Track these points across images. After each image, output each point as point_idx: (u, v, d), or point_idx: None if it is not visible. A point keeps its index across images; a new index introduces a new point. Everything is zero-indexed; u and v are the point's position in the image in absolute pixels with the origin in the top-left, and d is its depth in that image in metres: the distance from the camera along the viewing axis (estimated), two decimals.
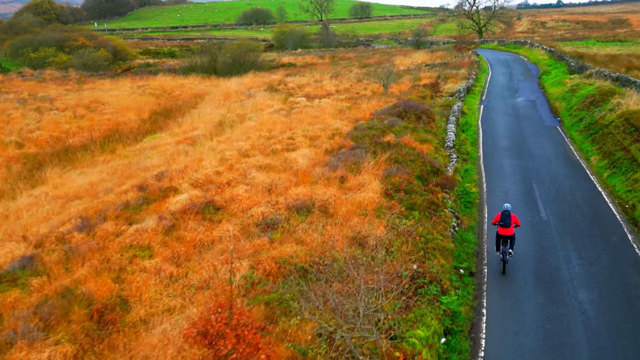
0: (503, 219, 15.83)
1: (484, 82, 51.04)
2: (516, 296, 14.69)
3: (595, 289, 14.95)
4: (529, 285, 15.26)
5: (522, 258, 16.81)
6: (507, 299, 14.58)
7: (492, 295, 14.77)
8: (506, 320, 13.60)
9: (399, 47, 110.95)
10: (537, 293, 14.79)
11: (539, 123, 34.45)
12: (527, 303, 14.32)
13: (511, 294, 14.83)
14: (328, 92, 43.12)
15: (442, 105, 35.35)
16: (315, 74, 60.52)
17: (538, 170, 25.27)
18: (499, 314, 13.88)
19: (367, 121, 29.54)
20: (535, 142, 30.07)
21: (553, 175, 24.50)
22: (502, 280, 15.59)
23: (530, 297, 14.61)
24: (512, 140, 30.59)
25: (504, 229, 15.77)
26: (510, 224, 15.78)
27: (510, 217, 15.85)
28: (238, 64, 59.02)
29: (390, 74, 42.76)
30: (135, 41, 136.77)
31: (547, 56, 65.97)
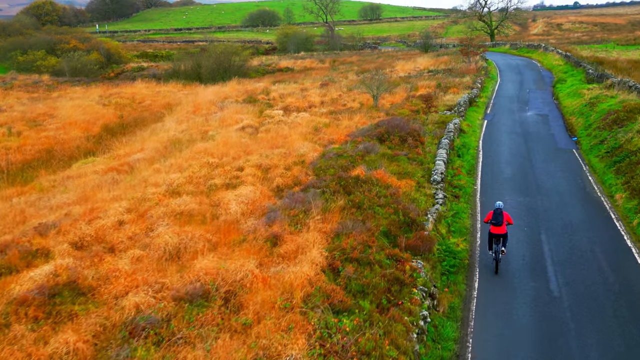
0: (495, 217, 15.71)
1: (491, 92, 45.58)
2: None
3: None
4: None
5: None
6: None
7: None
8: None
9: (406, 50, 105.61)
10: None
11: (552, 144, 29.02)
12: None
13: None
14: (311, 104, 38.04)
15: (436, 123, 30.08)
16: (307, 81, 55.49)
17: (548, 213, 19.93)
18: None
19: (340, 145, 24.37)
20: (546, 170, 24.67)
21: (567, 221, 19.14)
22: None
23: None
24: (518, 167, 25.23)
25: (496, 228, 15.66)
26: (502, 222, 15.65)
27: (502, 215, 15.73)
28: (222, 69, 54.18)
29: (381, 84, 37.52)
30: (135, 43, 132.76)
31: (562, 61, 60.28)
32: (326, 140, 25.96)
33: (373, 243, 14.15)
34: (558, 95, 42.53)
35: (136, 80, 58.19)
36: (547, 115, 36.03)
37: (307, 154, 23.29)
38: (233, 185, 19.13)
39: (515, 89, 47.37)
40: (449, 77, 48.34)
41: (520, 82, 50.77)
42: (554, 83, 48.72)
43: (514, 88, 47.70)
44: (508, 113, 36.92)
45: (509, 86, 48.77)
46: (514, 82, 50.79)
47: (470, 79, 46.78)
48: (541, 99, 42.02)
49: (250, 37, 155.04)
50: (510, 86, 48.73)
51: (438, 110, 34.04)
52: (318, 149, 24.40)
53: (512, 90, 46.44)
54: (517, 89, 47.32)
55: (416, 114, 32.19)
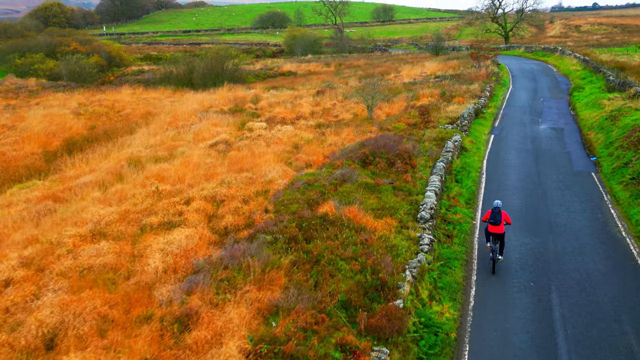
0: (493, 217, 15.48)
1: (501, 101, 41.62)
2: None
3: None
4: None
5: None
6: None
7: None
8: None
9: (417, 53, 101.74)
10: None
11: (567, 166, 25.10)
12: None
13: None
14: (299, 115, 34.47)
15: (434, 140, 26.32)
16: (305, 87, 52.01)
17: (561, 261, 16.13)
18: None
19: (316, 169, 20.77)
20: (559, 200, 20.83)
21: (585, 274, 15.33)
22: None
23: None
24: (527, 196, 21.39)
25: (494, 227, 15.45)
26: (500, 221, 15.42)
27: (500, 215, 15.49)
28: (214, 74, 50.81)
29: (377, 93, 33.80)
30: (140, 46, 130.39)
31: (580, 66, 56.05)
32: (302, 162, 22.36)
33: (323, 323, 10.54)
34: (575, 105, 38.49)
35: (128, 84, 55.05)
36: (563, 129, 32.07)
37: (275, 180, 19.72)
38: (171, 225, 15.61)
39: (528, 97, 43.36)
40: (456, 84, 44.49)
41: (533, 90, 46.72)
42: (571, 91, 44.63)
43: (527, 96, 43.68)
44: (518, 126, 33.02)
45: (521, 94, 44.76)
46: (527, 90, 46.75)
47: (478, 87, 42.87)
48: (556, 110, 38.01)
49: (258, 39, 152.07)
50: (523, 94, 44.72)
51: (438, 124, 30.27)
52: (290, 173, 20.82)
53: (525, 99, 42.44)
54: (530, 97, 43.31)
55: (413, 128, 28.46)
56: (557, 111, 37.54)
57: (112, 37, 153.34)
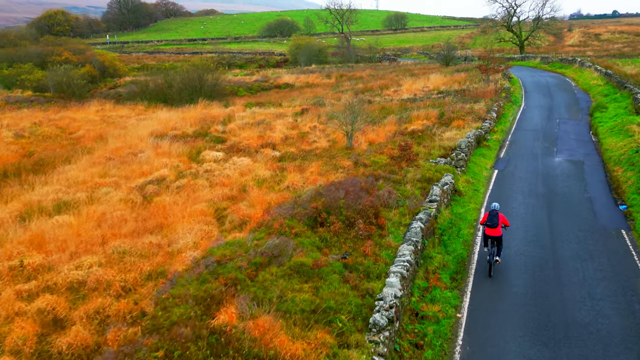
0: (490, 219, 15.24)
1: (510, 123, 35.88)
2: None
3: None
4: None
5: None
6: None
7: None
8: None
9: (426, 63, 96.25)
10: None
11: (589, 219, 19.37)
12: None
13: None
14: (268, 142, 29.11)
15: (419, 181, 20.78)
16: (292, 104, 46.77)
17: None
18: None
19: (247, 234, 15.34)
20: (579, 279, 15.13)
21: None
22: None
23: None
24: (534, 273, 15.67)
25: (492, 230, 15.21)
26: (497, 224, 15.13)
27: (498, 217, 15.18)
28: (191, 89, 45.71)
29: (359, 116, 28.28)
30: (140, 55, 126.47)
31: (602, 80, 50.10)
32: (238, 218, 16.98)
33: None
34: (597, 129, 32.67)
35: (99, 99, 50.26)
36: (583, 162, 26.28)
37: (185, 251, 14.37)
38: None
39: (542, 118, 37.57)
40: (459, 103, 38.87)
41: (549, 108, 40.90)
42: (592, 110, 38.77)
43: (541, 117, 37.90)
44: (528, 158, 27.29)
45: (534, 114, 38.98)
46: (541, 109, 40.94)
47: (484, 106, 37.18)
48: (575, 135, 32.22)
49: (264, 48, 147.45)
50: (536, 114, 38.93)
51: (429, 157, 24.71)
52: (213, 236, 15.48)
53: (538, 120, 36.67)
54: (545, 118, 37.52)
55: (396, 163, 22.88)
56: (575, 137, 31.76)
57: (115, 46, 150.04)
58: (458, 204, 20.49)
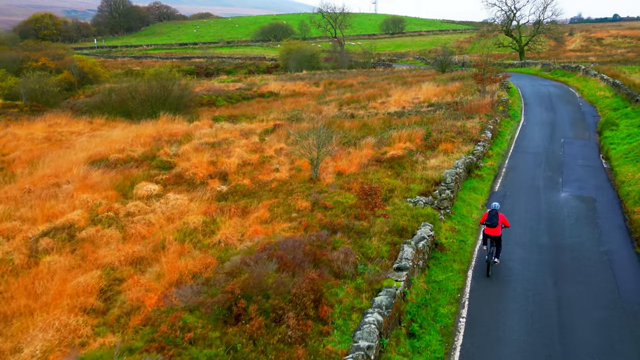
0: (490, 219, 15.25)
1: (507, 144, 31.30)
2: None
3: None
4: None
5: None
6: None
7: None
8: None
9: (422, 69, 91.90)
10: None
11: (608, 289, 14.68)
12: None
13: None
14: (219, 171, 24.51)
15: (388, 233, 16.19)
16: (265, 118, 42.21)
17: None
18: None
19: (104, 353, 10.70)
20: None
21: None
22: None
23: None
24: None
25: (491, 229, 15.24)
26: (497, 223, 15.15)
27: (497, 217, 15.19)
28: (154, 100, 41.12)
29: (324, 143, 23.61)
30: (126, 60, 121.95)
31: (609, 92, 45.56)
32: (130, 300, 12.40)
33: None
34: (608, 152, 28.12)
35: (53, 112, 45.71)
36: (594, 199, 21.67)
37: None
38: None
39: (544, 136, 33.01)
40: (450, 119, 34.30)
41: (551, 125, 36.35)
42: (600, 127, 34.25)
43: (542, 135, 33.33)
44: (529, 193, 22.67)
45: (535, 132, 34.41)
46: (542, 125, 36.38)
47: (478, 123, 32.60)
48: (582, 159, 27.65)
49: (256, 52, 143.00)
50: (538, 132, 34.36)
51: (407, 194, 20.11)
52: (81, 333, 10.91)
53: (539, 140, 32.11)
54: (547, 137, 32.95)
55: (366, 204, 18.27)
56: (583, 162, 27.17)
57: (103, 50, 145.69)
58: (438, 265, 15.88)
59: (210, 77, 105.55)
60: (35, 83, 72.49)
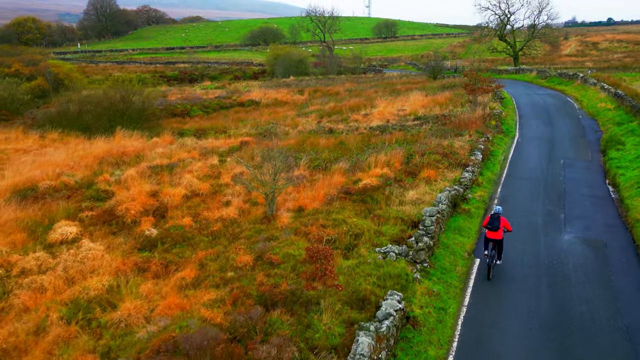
0: (491, 222, 15.27)
1: (500, 167, 27.55)
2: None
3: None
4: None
5: None
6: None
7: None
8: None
9: (413, 75, 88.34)
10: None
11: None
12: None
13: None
14: (159, 205, 20.66)
15: (346, 305, 12.37)
16: (236, 132, 38.43)
17: None
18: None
19: None
20: None
21: None
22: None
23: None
24: None
25: (492, 233, 15.24)
26: (499, 227, 15.16)
27: (499, 221, 15.20)
28: (112, 113, 37.07)
29: (286, 169, 19.76)
30: (108, 65, 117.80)
31: (611, 103, 41.97)
32: None
33: None
34: (616, 177, 24.41)
35: None
36: (605, 244, 17.89)
37: None
38: None
39: (542, 157, 29.30)
40: (436, 137, 30.54)
41: (549, 142, 32.67)
42: (604, 145, 30.61)
43: (540, 155, 29.63)
44: (525, 235, 18.86)
45: (531, 151, 30.71)
46: (539, 142, 32.71)
47: (467, 142, 28.85)
48: (587, 187, 23.92)
49: (244, 57, 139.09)
50: (534, 151, 30.66)
51: (378, 239, 16.29)
52: None
53: (536, 161, 28.39)
54: (545, 157, 29.25)
55: (319, 265, 14.38)
56: (588, 191, 23.43)
57: (86, 55, 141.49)
58: (408, 351, 12.05)
59: (194, 83, 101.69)
60: (3, 91, 68.50)
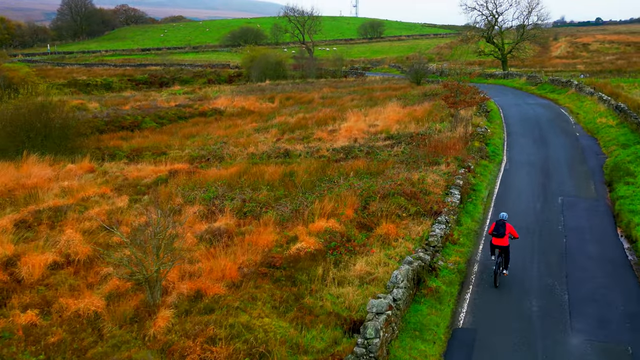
0: (497, 229, 15.14)
1: (483, 208, 21.89)
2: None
3: None
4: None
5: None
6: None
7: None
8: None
9: (396, 79, 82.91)
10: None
11: None
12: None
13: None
14: (3, 287, 14.88)
15: None
16: (177, 153, 32.62)
17: None
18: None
19: None
20: None
21: None
22: None
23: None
24: None
25: (498, 239, 15.12)
26: (504, 234, 15.01)
27: (505, 227, 15.06)
28: (26, 132, 30.84)
29: (169, 246, 14.05)
30: (75, 68, 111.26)
31: (612, 118, 36.57)
32: None
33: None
34: (630, 226, 18.86)
35: None
36: (631, 354, 12.31)
37: None
38: None
39: (535, 193, 23.70)
40: (406, 167, 24.86)
41: (543, 171, 27.12)
42: (609, 175, 25.15)
43: (532, 191, 24.03)
44: (513, 341, 13.24)
45: (522, 185, 25.09)
46: (531, 170, 27.16)
47: (443, 175, 23.19)
48: (595, 244, 18.30)
49: (222, 59, 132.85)
50: (525, 184, 25.06)
51: (302, 351, 10.61)
52: None
53: (528, 201, 22.77)
54: (539, 192, 23.66)
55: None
56: (598, 249, 17.84)
57: (55, 57, 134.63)
58: None
59: (164, 87, 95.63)
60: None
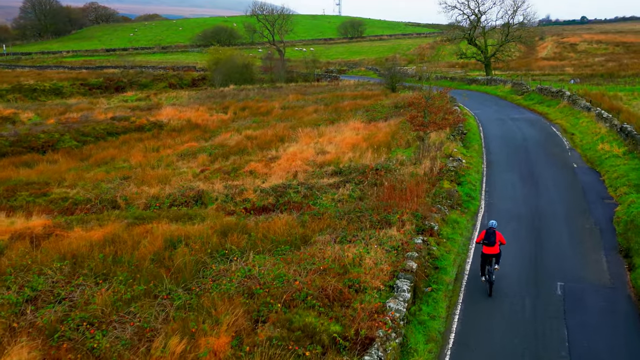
0: (487, 237, 15.15)
1: (448, 302, 14.58)
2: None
3: None
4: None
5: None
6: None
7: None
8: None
9: (372, 84, 75.66)
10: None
11: None
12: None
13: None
14: None
15: None
16: (63, 191, 24.93)
17: None
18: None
19: None
20: None
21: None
22: None
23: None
24: None
25: (489, 248, 15.14)
26: (495, 242, 15.07)
27: (495, 235, 15.11)
28: None
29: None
30: (25, 71, 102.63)
31: (617, 144, 29.49)
32: None
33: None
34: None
35: None
36: None
37: None
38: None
39: (523, 277, 16.42)
40: (340, 234, 17.48)
41: (534, 230, 19.87)
42: (624, 236, 17.99)
43: (519, 274, 16.73)
44: None
45: (505, 259, 17.78)
46: (518, 230, 19.89)
47: (391, 253, 15.87)
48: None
49: (190, 60, 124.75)
50: (510, 258, 17.75)
51: None
52: None
53: (514, 297, 15.49)
54: (528, 277, 16.41)
55: None
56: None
57: (9, 58, 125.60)
58: None
59: (119, 92, 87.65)
60: None
